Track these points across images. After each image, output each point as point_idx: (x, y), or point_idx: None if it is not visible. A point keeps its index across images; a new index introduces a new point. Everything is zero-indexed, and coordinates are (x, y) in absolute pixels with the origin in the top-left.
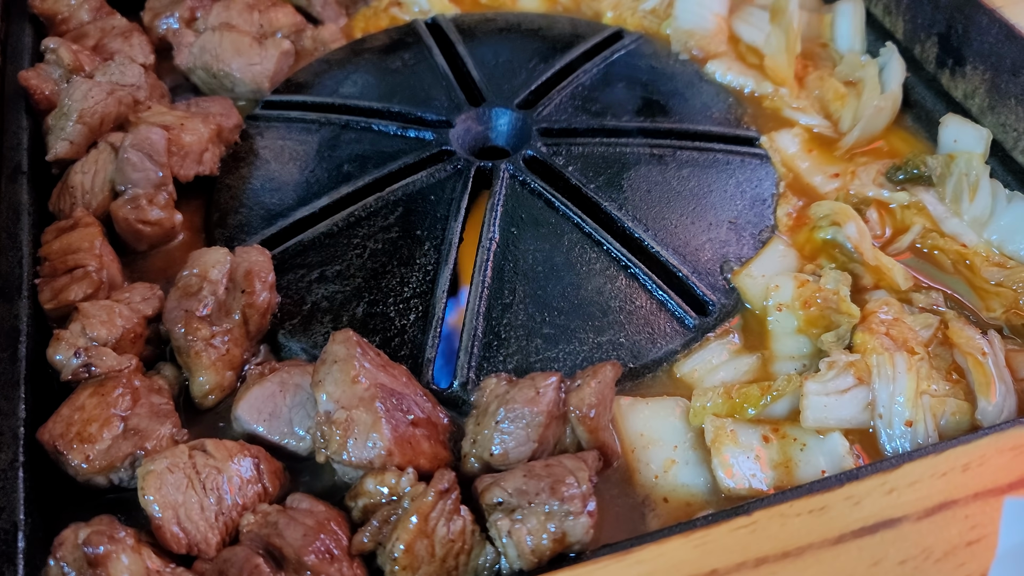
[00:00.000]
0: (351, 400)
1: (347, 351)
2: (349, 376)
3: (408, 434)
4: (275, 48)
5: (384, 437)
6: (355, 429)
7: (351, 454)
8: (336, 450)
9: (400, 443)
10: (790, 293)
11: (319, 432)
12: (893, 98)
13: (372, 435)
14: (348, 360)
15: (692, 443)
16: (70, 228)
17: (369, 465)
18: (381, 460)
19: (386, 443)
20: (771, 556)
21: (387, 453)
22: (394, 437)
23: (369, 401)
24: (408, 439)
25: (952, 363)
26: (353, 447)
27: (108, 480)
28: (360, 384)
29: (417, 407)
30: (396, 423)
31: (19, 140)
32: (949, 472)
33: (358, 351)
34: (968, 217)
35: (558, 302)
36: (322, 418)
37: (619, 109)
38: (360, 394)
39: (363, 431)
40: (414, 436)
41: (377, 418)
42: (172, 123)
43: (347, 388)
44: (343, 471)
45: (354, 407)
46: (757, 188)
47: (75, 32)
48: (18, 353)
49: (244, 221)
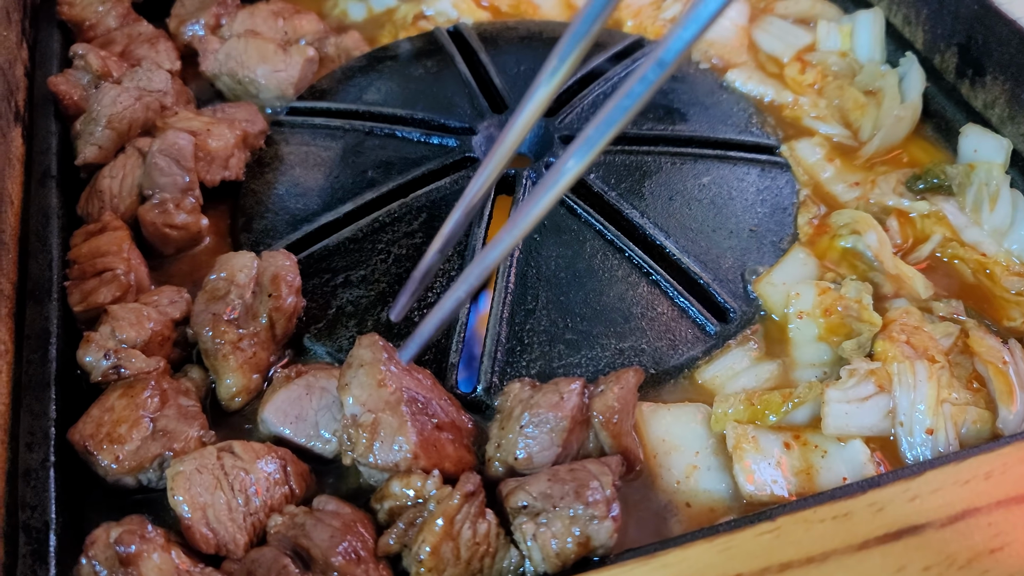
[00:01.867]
0: (377, 403)
1: (373, 355)
2: (375, 380)
3: (433, 437)
4: (300, 55)
5: (410, 440)
6: (381, 432)
7: (377, 457)
8: (363, 452)
9: (425, 446)
10: (811, 301)
11: (345, 435)
12: (913, 108)
13: (398, 438)
14: (374, 364)
15: (714, 449)
16: (98, 232)
17: (395, 468)
18: (407, 463)
19: (412, 446)
20: (795, 561)
21: (413, 456)
22: (420, 440)
23: (395, 405)
24: (433, 442)
25: (972, 371)
26: (379, 450)
27: (137, 480)
28: (386, 388)
29: (442, 411)
30: (422, 426)
31: (48, 145)
32: (972, 480)
33: (384, 355)
34: (988, 227)
35: (580, 308)
36: (348, 421)
37: (640, 117)
38: (386, 398)
39: (389, 434)
40: (439, 440)
41: (403, 421)
42: (199, 129)
43: (373, 392)
44: (369, 474)
45: (380, 410)
46: (778, 196)
47: (102, 38)
48: (48, 355)
49: (269, 226)
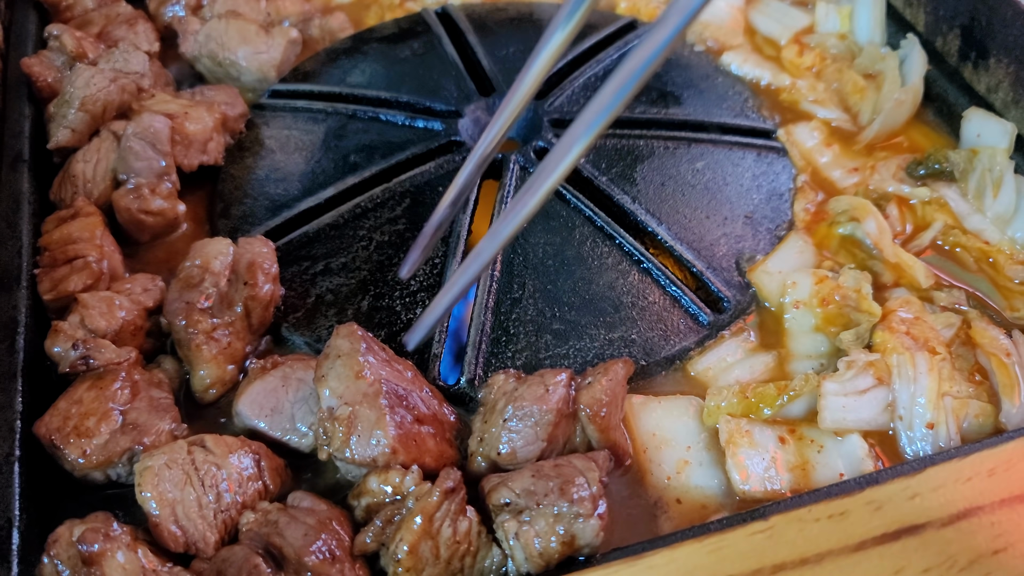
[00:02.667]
0: (354, 396)
1: (351, 345)
2: (353, 371)
3: (413, 432)
4: (282, 37)
5: (388, 435)
6: (358, 426)
7: (354, 451)
8: (339, 447)
9: (404, 440)
10: (808, 290)
11: (322, 429)
12: (914, 91)
13: (376, 432)
14: (352, 355)
15: (706, 443)
16: (71, 218)
17: (372, 463)
18: (385, 458)
19: (390, 440)
20: (789, 563)
21: (391, 451)
22: (398, 435)
23: (373, 397)
24: (413, 436)
25: (975, 364)
26: (356, 444)
27: (105, 476)
28: (364, 379)
29: (423, 403)
30: (401, 420)
31: (21, 128)
32: (974, 477)
33: (363, 345)
34: (991, 214)
35: (569, 297)
36: (324, 414)
37: (633, 100)
38: (364, 390)
39: (367, 428)
40: (419, 434)
41: (381, 415)
42: (176, 111)
43: (351, 384)
44: (346, 469)
45: (358, 403)
46: (774, 182)
47: (79, 19)
48: (16, 344)
49: (248, 212)
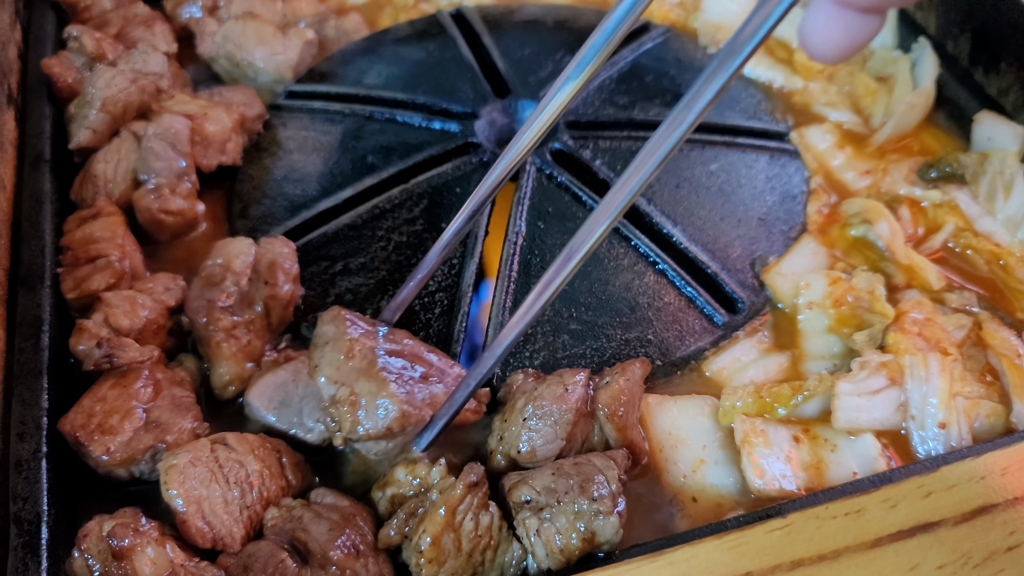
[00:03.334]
0: (349, 375)
1: (337, 329)
2: (343, 353)
3: (420, 389)
4: (298, 38)
5: (394, 399)
6: (362, 401)
7: (366, 427)
8: (350, 428)
9: (412, 400)
10: (821, 291)
11: (329, 418)
12: (926, 94)
13: (380, 400)
14: (339, 338)
15: (721, 443)
16: (92, 217)
17: (388, 432)
18: (398, 422)
19: (398, 404)
20: (807, 559)
21: (401, 414)
22: (405, 396)
23: (368, 369)
24: (422, 393)
25: (986, 365)
26: (365, 419)
27: (129, 473)
28: (355, 357)
29: (425, 361)
30: (404, 382)
31: (41, 128)
32: (988, 476)
33: (348, 326)
34: (1002, 216)
35: (585, 298)
36: (327, 403)
37: (646, 102)
38: (357, 366)
39: (371, 400)
40: (428, 390)
41: (382, 383)
42: (195, 112)
43: (342, 365)
44: (367, 449)
45: (354, 380)
46: (787, 184)
47: (97, 20)
48: (41, 343)
49: (267, 212)
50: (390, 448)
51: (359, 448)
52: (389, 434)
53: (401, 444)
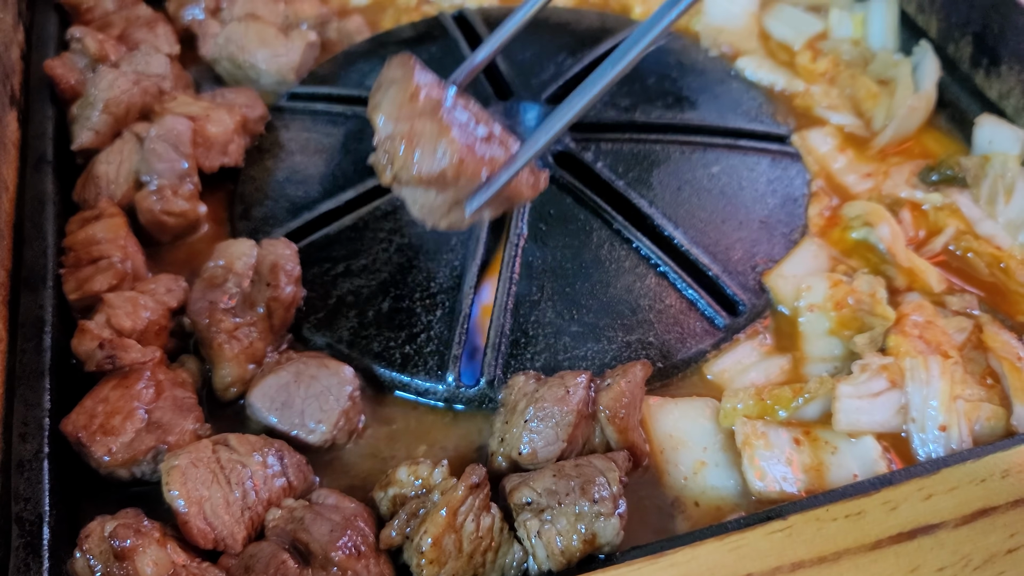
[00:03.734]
0: (411, 113)
1: (404, 72)
2: (407, 93)
3: (480, 145)
4: (301, 39)
5: (455, 144)
6: (421, 139)
7: (420, 166)
8: (403, 164)
9: (471, 153)
10: (822, 294)
11: (382, 153)
12: (927, 97)
13: (440, 142)
14: (405, 79)
15: (722, 445)
16: (95, 218)
17: (442, 178)
18: (455, 169)
19: (457, 149)
20: (807, 561)
21: (459, 160)
22: (465, 145)
23: (432, 112)
24: (479, 150)
25: (987, 367)
26: (421, 158)
27: (130, 473)
28: (419, 99)
29: (489, 124)
30: (467, 134)
31: (44, 129)
32: (988, 479)
33: (416, 70)
34: (1003, 219)
35: (587, 300)
36: (383, 140)
37: (649, 105)
38: (421, 108)
39: (430, 140)
40: (489, 151)
41: (444, 126)
42: (198, 114)
43: (405, 105)
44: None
45: (416, 119)
46: (788, 187)
47: (100, 21)
48: (43, 343)
49: (269, 213)
50: (438, 203)
51: (404, 196)
52: (442, 181)
53: (450, 201)
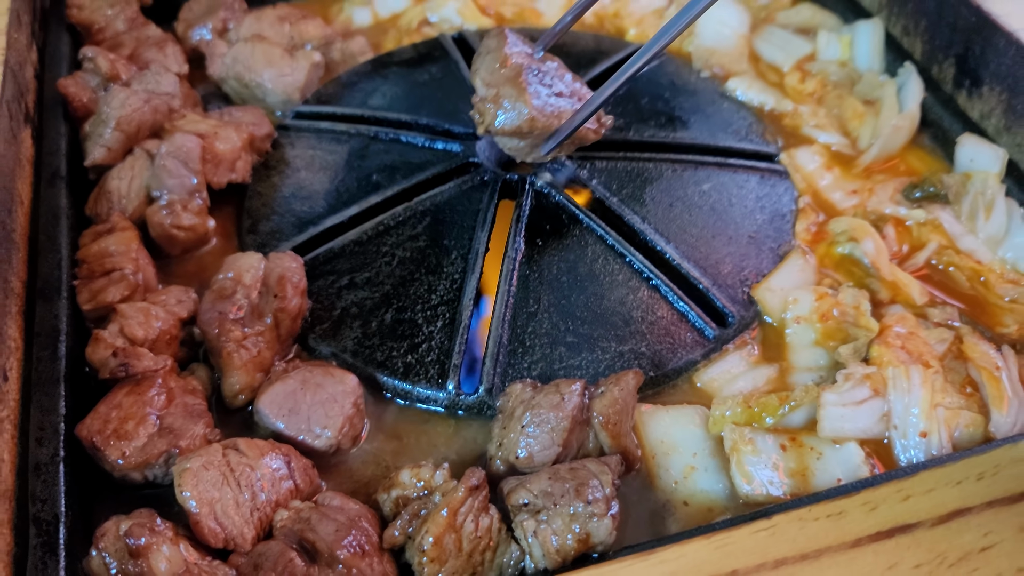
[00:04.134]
0: (498, 79)
1: (497, 42)
2: (498, 61)
3: (551, 103)
4: (306, 60)
5: (529, 105)
6: (504, 102)
7: (504, 123)
8: (490, 121)
9: (542, 110)
10: (808, 306)
11: (476, 112)
12: (911, 117)
13: (518, 104)
14: (498, 49)
15: (711, 450)
16: (107, 232)
17: (519, 131)
18: (528, 124)
19: (530, 109)
20: (790, 558)
21: (531, 117)
22: (537, 105)
23: (514, 78)
24: (551, 106)
25: (966, 377)
26: (504, 116)
27: (143, 476)
28: (507, 68)
29: (563, 82)
30: (540, 96)
31: (58, 146)
32: (964, 481)
33: (508, 40)
34: (983, 235)
35: (581, 312)
36: (478, 100)
37: (642, 124)
38: (507, 75)
39: (511, 102)
40: (556, 104)
41: (522, 91)
42: (207, 131)
43: (495, 72)
44: (503, 143)
45: (501, 84)
46: (777, 203)
47: (111, 41)
48: (58, 352)
49: (275, 228)
50: (522, 147)
51: (498, 141)
52: (519, 132)
53: (531, 145)
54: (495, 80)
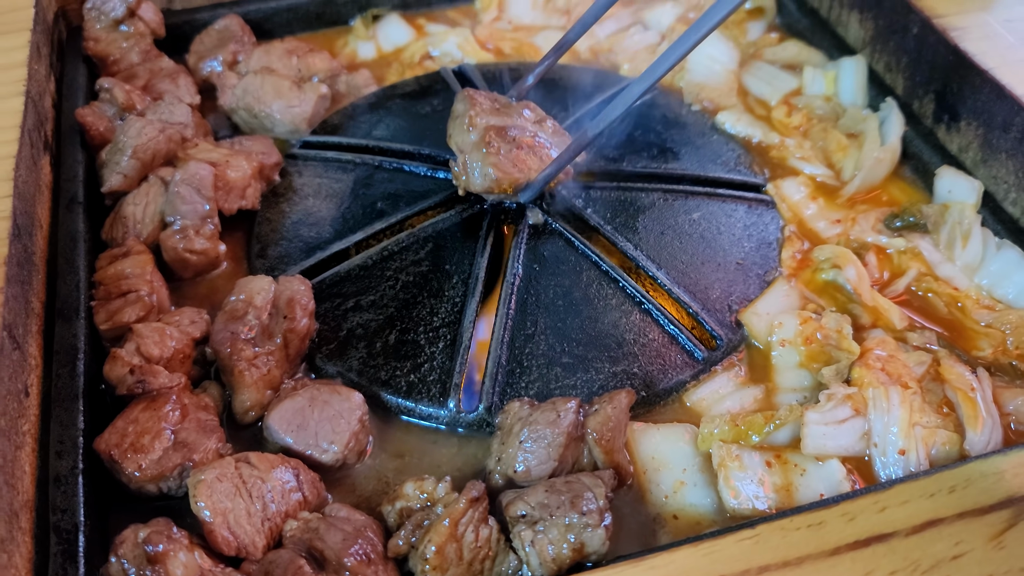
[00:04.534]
0: (467, 145)
1: (465, 106)
2: (464, 126)
3: (513, 158)
4: (313, 92)
5: (494, 167)
6: (473, 167)
7: (476, 184)
8: (465, 183)
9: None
10: (793, 330)
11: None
12: (892, 150)
13: (485, 168)
14: (465, 113)
15: (700, 466)
16: (123, 255)
17: (490, 190)
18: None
19: (495, 171)
20: (773, 565)
21: (497, 178)
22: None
23: (479, 143)
24: (514, 161)
25: (943, 398)
26: (474, 179)
27: (158, 488)
28: (473, 130)
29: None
30: (503, 154)
31: (75, 173)
32: (937, 493)
33: (472, 106)
34: (960, 263)
35: (577, 334)
36: (453, 165)
37: (635, 155)
38: (474, 140)
39: (479, 168)
40: (519, 157)
41: (487, 155)
42: (218, 160)
43: (464, 136)
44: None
45: (468, 151)
46: (763, 232)
47: (126, 73)
48: (76, 369)
49: (284, 252)
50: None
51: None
52: (492, 191)
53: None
54: (464, 145)
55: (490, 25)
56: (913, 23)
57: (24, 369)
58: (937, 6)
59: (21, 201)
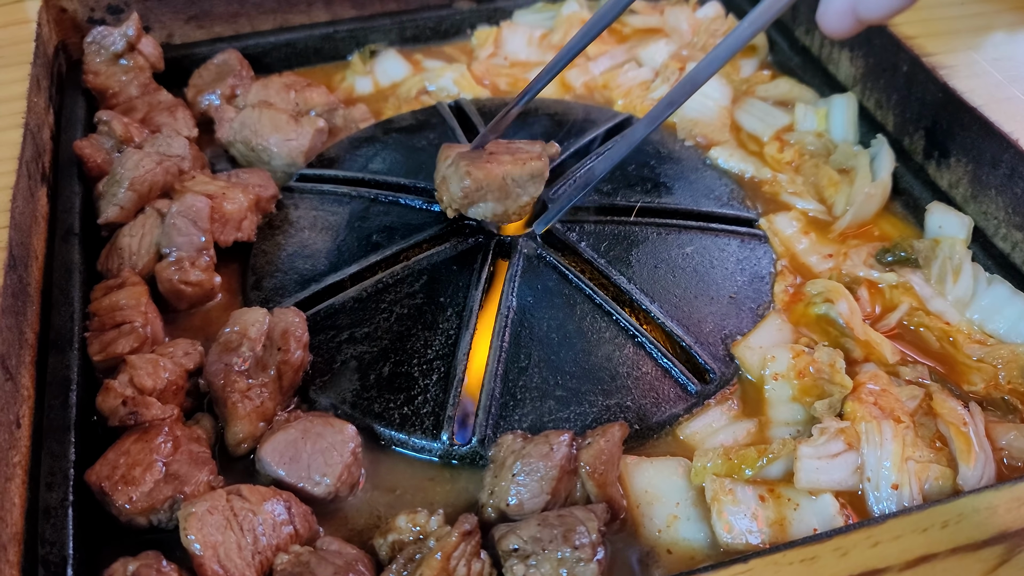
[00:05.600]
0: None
1: (443, 153)
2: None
3: (486, 171)
4: (310, 125)
5: (466, 173)
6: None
7: (454, 192)
8: (448, 201)
9: (479, 178)
10: (786, 364)
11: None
12: (883, 186)
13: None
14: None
15: (693, 500)
16: (118, 287)
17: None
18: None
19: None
20: None
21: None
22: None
23: (454, 163)
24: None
25: (936, 432)
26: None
27: (148, 521)
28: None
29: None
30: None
31: (72, 204)
32: (929, 528)
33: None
34: (952, 297)
35: (570, 367)
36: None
37: (628, 190)
38: (448, 163)
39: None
40: (491, 158)
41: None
42: (215, 192)
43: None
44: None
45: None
46: (756, 266)
47: (125, 106)
48: (69, 400)
49: (279, 284)
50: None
51: (471, 214)
52: (470, 193)
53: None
54: (440, 169)
55: (486, 61)
56: (903, 61)
57: (16, 400)
58: (926, 45)
59: (17, 232)
